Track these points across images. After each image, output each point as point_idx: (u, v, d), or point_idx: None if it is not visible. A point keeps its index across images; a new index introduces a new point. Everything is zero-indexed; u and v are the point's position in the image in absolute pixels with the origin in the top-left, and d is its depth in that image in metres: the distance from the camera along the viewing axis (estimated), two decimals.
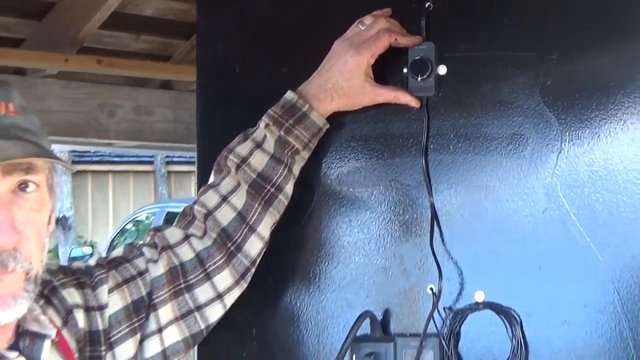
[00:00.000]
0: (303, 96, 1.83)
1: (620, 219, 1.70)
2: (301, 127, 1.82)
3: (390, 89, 1.83)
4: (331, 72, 1.82)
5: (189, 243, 1.79)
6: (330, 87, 1.82)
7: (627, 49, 1.74)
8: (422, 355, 1.76)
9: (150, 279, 1.74)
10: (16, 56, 3.58)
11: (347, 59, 1.81)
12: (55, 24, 3.61)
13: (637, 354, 1.67)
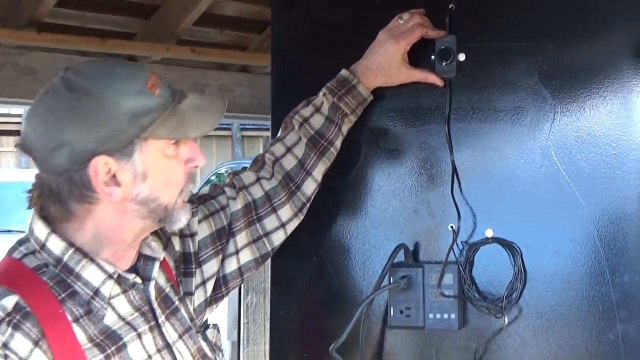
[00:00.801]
0: (353, 73, 1.89)
1: (599, 174, 1.76)
2: (350, 96, 1.89)
3: (421, 70, 1.88)
4: (376, 57, 1.89)
5: (260, 184, 1.86)
6: (375, 67, 1.89)
7: (606, 40, 1.79)
8: (444, 278, 1.83)
9: (230, 212, 1.81)
10: (130, 47, 3.67)
11: (388, 47, 1.87)
12: (159, 21, 3.67)
13: (611, 278, 1.72)
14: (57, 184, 1.42)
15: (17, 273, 1.42)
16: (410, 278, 1.87)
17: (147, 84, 1.44)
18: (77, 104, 1.39)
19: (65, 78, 1.41)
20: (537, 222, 1.84)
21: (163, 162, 1.48)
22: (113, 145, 1.40)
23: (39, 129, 1.42)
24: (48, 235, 1.44)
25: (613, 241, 1.77)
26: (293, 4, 2.11)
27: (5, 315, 1.32)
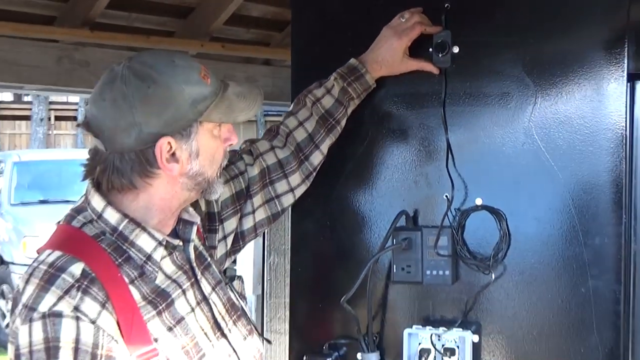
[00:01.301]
0: (362, 63, 1.88)
1: (574, 150, 1.75)
2: (358, 83, 1.88)
3: (419, 61, 1.87)
4: (381, 50, 1.88)
5: (274, 151, 1.86)
6: (380, 60, 1.88)
7: (580, 35, 1.79)
8: (440, 240, 1.83)
9: (248, 177, 1.81)
10: (170, 43, 3.67)
11: (392, 42, 1.86)
12: (195, 21, 3.67)
13: (584, 240, 1.72)
14: (122, 161, 1.43)
15: (79, 241, 1.43)
16: (410, 240, 1.87)
17: (201, 73, 1.47)
18: (147, 92, 1.41)
19: (133, 68, 1.43)
20: (520, 191, 1.84)
21: (211, 141, 1.51)
22: (175, 127, 1.43)
23: (109, 112, 1.43)
24: (105, 207, 1.45)
25: (586, 208, 1.77)
26: (309, 6, 2.09)
27: (74, 281, 1.33)
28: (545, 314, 1.81)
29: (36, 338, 1.29)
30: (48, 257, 1.39)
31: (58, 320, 1.29)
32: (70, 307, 1.30)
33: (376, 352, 1.89)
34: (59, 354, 1.28)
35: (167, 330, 1.43)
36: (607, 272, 1.74)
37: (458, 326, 1.83)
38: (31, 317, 1.30)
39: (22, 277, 1.40)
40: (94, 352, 1.30)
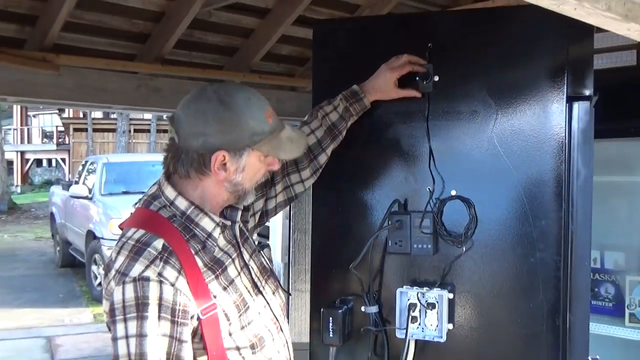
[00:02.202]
0: (362, 89, 1.86)
1: (526, 154, 1.74)
2: (357, 104, 1.87)
3: (405, 90, 1.86)
4: (377, 80, 1.86)
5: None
6: (376, 87, 1.86)
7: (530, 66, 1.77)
8: (424, 221, 1.82)
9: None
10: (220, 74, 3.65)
11: (386, 75, 1.85)
12: (239, 58, 3.66)
13: (533, 222, 1.71)
14: (186, 155, 1.45)
15: (158, 222, 1.44)
16: (402, 221, 1.86)
17: (266, 114, 1.47)
18: (222, 114, 1.43)
19: (218, 93, 1.45)
20: (484, 185, 1.82)
21: (256, 164, 1.50)
22: (232, 146, 1.44)
23: (189, 119, 1.44)
24: (176, 196, 1.46)
25: (534, 198, 1.76)
26: (326, 47, 2.08)
27: (157, 253, 1.35)
28: (503, 278, 1.80)
29: (128, 296, 1.31)
30: (134, 234, 1.40)
31: (146, 284, 1.31)
32: (155, 274, 1.32)
33: (375, 305, 1.88)
34: (147, 308, 1.30)
35: (222, 290, 1.43)
36: (550, 247, 1.73)
37: (437, 287, 1.81)
38: (124, 281, 1.32)
39: (114, 250, 1.41)
40: (174, 307, 1.32)
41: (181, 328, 1.33)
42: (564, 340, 1.71)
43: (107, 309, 1.35)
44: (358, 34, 2.06)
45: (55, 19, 2.93)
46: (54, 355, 6.26)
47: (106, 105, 3.69)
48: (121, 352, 1.30)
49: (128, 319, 1.30)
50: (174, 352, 1.32)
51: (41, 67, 3.09)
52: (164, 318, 1.31)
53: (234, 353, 1.42)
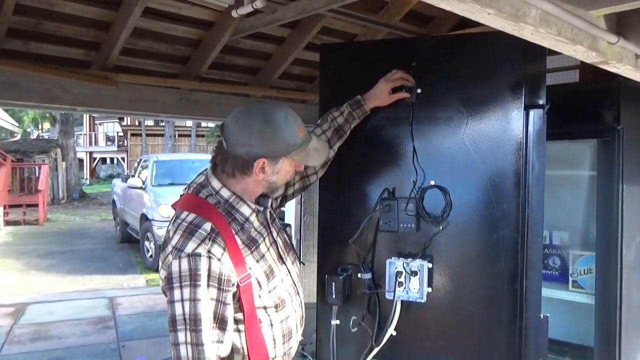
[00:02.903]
0: (363, 98, 1.84)
1: (491, 151, 1.71)
2: (359, 110, 1.84)
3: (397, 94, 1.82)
4: (375, 91, 1.83)
5: None
6: (374, 96, 1.83)
7: (495, 82, 1.73)
8: (408, 205, 1.80)
9: None
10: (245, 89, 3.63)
11: (382, 85, 1.82)
12: (261, 76, 3.64)
13: (496, 205, 1.68)
14: (233, 159, 1.44)
15: (207, 207, 1.43)
16: (390, 205, 1.84)
17: (299, 130, 1.47)
18: (264, 130, 1.42)
19: (262, 110, 1.44)
20: (457, 176, 1.79)
21: (288, 167, 1.50)
22: (271, 155, 1.44)
23: (237, 130, 1.43)
24: (221, 187, 1.46)
25: (497, 186, 1.73)
26: (330, 69, 2.05)
27: (207, 234, 1.35)
28: (471, 250, 1.78)
29: (184, 268, 1.32)
30: (187, 217, 1.40)
31: (198, 259, 1.32)
32: (205, 250, 1.33)
33: (369, 273, 1.87)
34: (200, 278, 1.31)
35: (256, 262, 1.44)
36: (510, 226, 1.71)
37: (419, 258, 1.80)
38: (180, 256, 1.33)
39: (171, 229, 1.41)
40: (220, 277, 1.33)
41: (225, 294, 1.34)
42: (521, 300, 1.69)
43: (165, 277, 1.35)
44: (356, 55, 2.03)
45: (115, 45, 2.93)
46: (114, 311, 6.28)
47: (155, 114, 3.69)
48: (178, 312, 1.31)
49: (183, 286, 1.31)
50: (219, 312, 1.34)
51: (103, 83, 3.09)
52: (212, 286, 1.32)
53: (261, 311, 1.43)
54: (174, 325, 1.32)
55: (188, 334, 1.30)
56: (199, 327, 1.30)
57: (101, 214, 15.90)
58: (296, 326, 1.54)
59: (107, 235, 12.11)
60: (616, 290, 2.37)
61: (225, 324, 1.35)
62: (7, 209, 13.86)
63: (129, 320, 5.87)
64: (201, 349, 1.30)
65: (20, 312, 6.23)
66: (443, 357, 1.78)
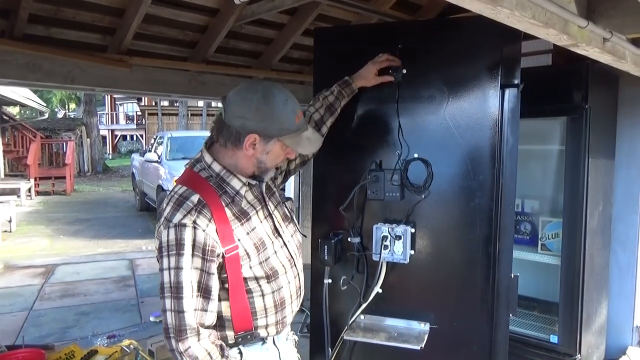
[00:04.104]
0: (351, 78, 1.78)
1: (469, 127, 1.67)
2: (347, 88, 1.78)
3: (382, 77, 1.78)
4: (362, 71, 1.78)
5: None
6: (362, 76, 1.78)
7: (474, 63, 1.69)
8: (394, 176, 1.76)
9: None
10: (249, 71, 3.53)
11: (370, 67, 1.76)
12: (263, 60, 3.56)
13: (473, 177, 1.65)
14: (227, 129, 1.37)
15: (196, 180, 1.37)
16: (378, 176, 1.81)
17: (297, 116, 1.38)
18: (261, 106, 1.33)
19: (265, 90, 1.35)
20: (439, 150, 1.76)
21: (278, 150, 1.41)
22: (264, 133, 1.35)
23: (236, 102, 1.35)
24: (212, 161, 1.39)
25: (475, 159, 1.70)
26: (323, 50, 2.00)
27: (193, 205, 1.29)
28: (450, 217, 1.76)
29: (171, 238, 1.26)
30: (179, 189, 1.34)
31: (184, 229, 1.26)
32: (191, 221, 1.27)
33: (358, 237, 1.85)
34: (184, 247, 1.26)
35: (245, 234, 1.37)
36: (485, 194, 1.68)
37: (403, 223, 1.77)
38: (168, 226, 1.27)
39: (165, 201, 1.36)
40: (204, 247, 1.27)
41: (209, 263, 1.28)
42: (494, 262, 1.68)
43: (157, 246, 1.31)
44: (347, 38, 1.98)
45: (128, 31, 2.87)
46: (134, 271, 6.31)
47: (166, 94, 3.63)
48: (165, 280, 1.27)
49: (170, 255, 1.26)
50: (203, 281, 1.29)
51: (119, 65, 3.03)
52: (197, 255, 1.27)
53: (252, 282, 1.37)
54: (162, 292, 1.28)
55: (172, 301, 1.26)
56: (181, 294, 1.25)
57: (122, 185, 15.88)
58: (290, 296, 1.47)
59: (127, 204, 12.11)
60: (580, 253, 2.37)
61: (210, 293, 1.29)
62: (38, 181, 13.86)
63: (147, 280, 5.90)
64: (182, 316, 1.25)
65: (50, 272, 6.26)
66: (423, 312, 1.78)
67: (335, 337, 1.83)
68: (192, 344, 1.26)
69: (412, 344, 1.67)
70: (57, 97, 25.93)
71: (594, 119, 2.35)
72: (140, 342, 3.52)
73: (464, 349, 1.73)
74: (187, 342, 1.26)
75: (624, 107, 2.82)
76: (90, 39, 2.92)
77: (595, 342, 2.68)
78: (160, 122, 25.39)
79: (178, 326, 1.26)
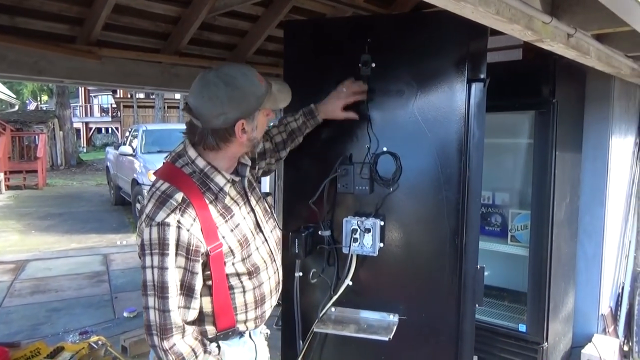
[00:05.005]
0: (317, 109, 1.78)
1: (438, 121, 1.69)
2: (312, 120, 1.79)
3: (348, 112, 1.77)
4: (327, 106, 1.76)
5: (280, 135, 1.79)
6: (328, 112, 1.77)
7: (442, 58, 1.69)
8: (363, 170, 1.77)
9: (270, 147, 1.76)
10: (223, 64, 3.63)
11: (335, 103, 1.76)
12: (237, 53, 3.54)
13: (441, 170, 1.67)
14: (213, 133, 1.36)
15: (180, 177, 1.36)
16: (347, 170, 1.81)
17: (258, 79, 1.38)
18: (232, 94, 1.33)
19: (220, 77, 1.34)
20: (408, 143, 1.77)
21: (263, 119, 1.43)
22: (247, 114, 1.37)
23: (207, 105, 1.33)
24: (196, 157, 1.38)
25: (443, 153, 1.72)
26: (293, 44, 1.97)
27: (177, 204, 1.29)
28: (419, 210, 1.77)
29: (154, 236, 1.26)
30: (162, 185, 1.33)
31: (167, 228, 1.26)
32: (174, 220, 1.27)
33: (329, 230, 1.86)
34: (168, 247, 1.26)
35: (230, 231, 1.37)
36: (453, 187, 1.70)
37: (372, 216, 1.78)
38: (151, 224, 1.27)
39: (146, 197, 1.35)
40: (188, 247, 1.28)
41: (193, 263, 1.29)
42: (461, 254, 1.71)
43: (139, 243, 1.30)
44: (317, 31, 1.96)
45: (97, 21, 2.82)
46: (108, 266, 6.24)
47: (139, 87, 3.59)
48: (148, 278, 1.27)
49: (153, 253, 1.26)
50: (187, 280, 1.29)
51: (88, 57, 2.99)
52: (180, 255, 1.27)
53: (234, 278, 1.39)
54: (144, 289, 1.28)
55: (156, 299, 1.26)
56: (166, 294, 1.26)
57: (97, 179, 15.63)
58: (270, 292, 1.49)
59: (102, 199, 11.93)
60: (547, 244, 2.43)
61: (193, 292, 1.31)
62: (8, 175, 13.53)
63: (121, 275, 5.84)
64: (167, 314, 1.26)
65: (20, 268, 6.14)
66: (393, 304, 1.80)
67: (307, 330, 1.85)
68: (176, 341, 1.28)
69: (381, 335, 1.70)
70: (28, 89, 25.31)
71: (561, 113, 2.40)
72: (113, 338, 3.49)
73: (432, 339, 1.76)
74: (172, 339, 1.28)
75: (591, 102, 2.89)
76: (58, 29, 2.87)
77: (562, 330, 2.76)
78: (136, 114, 25.01)
79: (163, 325, 1.27)
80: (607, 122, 2.88)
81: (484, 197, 2.81)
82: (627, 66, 2.51)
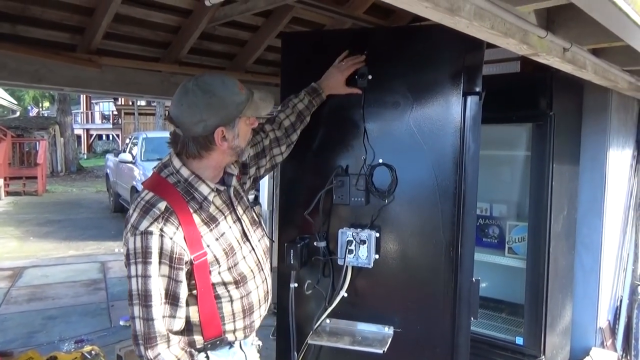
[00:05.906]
0: (320, 86, 1.80)
1: (433, 134, 1.70)
2: (317, 98, 1.81)
3: (350, 87, 1.80)
4: (330, 80, 1.80)
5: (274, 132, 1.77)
6: (330, 86, 1.80)
7: (437, 71, 1.71)
8: (359, 181, 1.78)
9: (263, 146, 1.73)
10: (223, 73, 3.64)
11: (337, 77, 1.79)
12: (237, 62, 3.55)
13: (437, 182, 1.68)
14: (194, 142, 1.36)
15: (164, 186, 1.36)
16: (343, 181, 1.82)
17: (238, 87, 1.38)
18: (209, 101, 1.33)
19: (199, 85, 1.34)
20: (403, 155, 1.78)
21: (245, 127, 1.43)
22: (227, 121, 1.36)
23: (186, 114, 1.34)
24: (180, 166, 1.38)
25: (438, 165, 1.73)
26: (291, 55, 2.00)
27: (160, 213, 1.28)
28: (415, 221, 1.78)
29: (137, 245, 1.26)
30: (146, 195, 1.33)
31: (150, 236, 1.26)
32: (157, 229, 1.26)
33: (324, 241, 1.86)
34: (151, 256, 1.26)
35: (215, 240, 1.37)
36: (449, 200, 1.71)
37: (368, 228, 1.79)
38: (135, 233, 1.27)
39: (131, 207, 1.34)
40: (171, 255, 1.27)
41: (177, 271, 1.28)
42: (456, 266, 1.71)
43: (125, 253, 1.30)
44: (313, 43, 1.99)
45: (98, 30, 2.84)
46: (106, 274, 6.22)
47: (138, 95, 3.61)
48: (133, 288, 1.27)
49: (137, 262, 1.26)
50: (171, 289, 1.29)
51: (88, 65, 3.00)
52: (164, 263, 1.27)
53: (221, 287, 1.38)
54: (130, 299, 1.28)
55: (140, 309, 1.26)
56: (149, 302, 1.25)
57: (97, 186, 15.64)
58: (258, 301, 1.48)
59: (101, 206, 11.93)
60: (544, 256, 2.43)
61: (177, 300, 1.30)
62: (8, 181, 13.55)
63: (118, 283, 5.82)
64: (151, 323, 1.25)
65: (17, 275, 6.13)
66: (388, 316, 1.80)
67: (301, 341, 1.84)
68: (161, 351, 1.27)
69: (376, 347, 1.69)
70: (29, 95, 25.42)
71: (559, 126, 2.41)
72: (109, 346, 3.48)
73: (427, 352, 1.76)
74: (157, 349, 1.27)
75: (589, 114, 2.90)
76: (58, 37, 2.88)
77: (560, 343, 2.75)
78: (136, 122, 25.10)
79: (147, 333, 1.26)
80: (605, 134, 2.89)
81: (481, 209, 2.81)
82: (624, 80, 2.52)
